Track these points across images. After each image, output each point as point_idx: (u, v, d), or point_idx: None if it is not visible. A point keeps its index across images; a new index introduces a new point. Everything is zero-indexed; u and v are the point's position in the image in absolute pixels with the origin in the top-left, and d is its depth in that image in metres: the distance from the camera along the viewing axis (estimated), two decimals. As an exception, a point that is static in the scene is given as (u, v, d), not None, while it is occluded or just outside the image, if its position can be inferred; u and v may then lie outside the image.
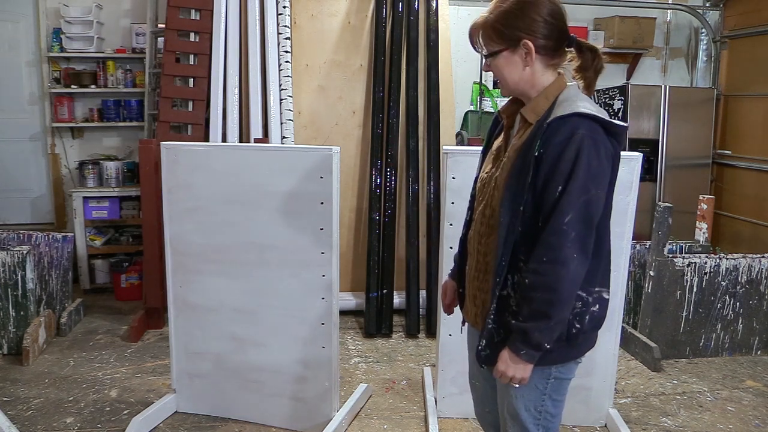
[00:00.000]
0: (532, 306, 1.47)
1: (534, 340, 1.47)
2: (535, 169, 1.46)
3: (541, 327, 1.46)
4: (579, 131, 1.44)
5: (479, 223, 1.65)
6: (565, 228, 1.43)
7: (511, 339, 1.51)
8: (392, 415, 3.01)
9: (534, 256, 1.47)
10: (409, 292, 4.06)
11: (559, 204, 1.43)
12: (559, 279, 1.44)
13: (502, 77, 1.59)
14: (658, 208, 3.58)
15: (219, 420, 2.91)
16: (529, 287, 1.47)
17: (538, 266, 1.45)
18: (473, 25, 1.60)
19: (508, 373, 1.52)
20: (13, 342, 3.55)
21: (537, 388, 1.61)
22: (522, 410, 1.63)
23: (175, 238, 2.82)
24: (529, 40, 1.51)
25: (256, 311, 2.77)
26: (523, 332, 1.47)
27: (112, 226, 4.90)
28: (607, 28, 5.37)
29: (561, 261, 1.43)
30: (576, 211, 1.43)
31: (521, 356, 1.49)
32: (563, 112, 1.47)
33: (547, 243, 1.44)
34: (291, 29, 4.29)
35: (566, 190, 1.43)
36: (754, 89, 5.16)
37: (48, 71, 4.91)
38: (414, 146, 4.21)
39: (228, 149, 3.00)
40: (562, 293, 1.45)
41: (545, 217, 1.46)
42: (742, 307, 3.72)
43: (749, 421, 3.03)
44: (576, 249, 1.44)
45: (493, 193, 1.60)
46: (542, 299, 1.45)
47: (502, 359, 1.53)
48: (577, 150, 1.43)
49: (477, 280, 1.67)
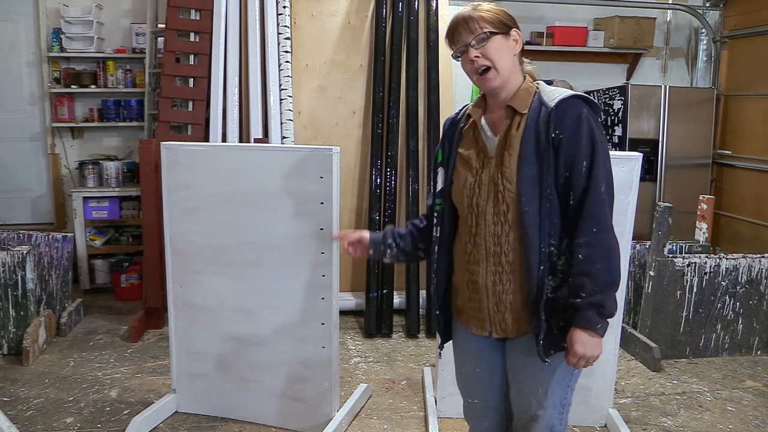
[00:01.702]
0: (596, 278, 1.50)
1: (608, 309, 1.51)
2: (554, 150, 1.53)
3: (612, 295, 1.52)
4: (584, 110, 1.55)
5: (492, 224, 1.61)
6: (603, 197, 1.52)
7: (581, 317, 1.52)
8: (392, 415, 3.01)
9: (581, 231, 1.52)
10: (409, 292, 4.06)
11: (591, 177, 1.52)
12: (611, 246, 1.53)
13: (498, 60, 1.59)
14: (658, 208, 3.58)
15: (219, 420, 2.91)
16: (585, 261, 1.51)
17: (590, 239, 1.51)
18: (460, 15, 1.62)
19: (587, 352, 1.53)
20: (13, 342, 3.55)
21: (564, 381, 1.66)
22: (550, 408, 1.65)
23: (175, 238, 2.82)
24: (516, 30, 1.64)
25: (256, 311, 2.77)
26: (597, 305, 1.50)
27: (112, 226, 4.90)
28: (607, 28, 5.37)
29: (609, 228, 1.53)
30: (605, 181, 1.53)
31: (598, 331, 1.52)
32: (560, 96, 1.56)
33: (592, 215, 1.51)
34: (291, 29, 4.29)
35: (594, 163, 1.53)
36: (754, 89, 5.16)
37: (48, 71, 4.91)
38: (414, 146, 4.21)
39: (228, 149, 3.00)
40: (617, 259, 1.54)
41: (580, 191, 1.52)
42: (742, 307, 3.72)
43: (749, 421, 3.03)
44: (611, 217, 1.55)
45: (504, 189, 1.58)
46: (604, 269, 1.51)
47: (578, 341, 1.52)
48: (589, 127, 1.54)
49: (500, 284, 1.63)
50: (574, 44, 5.32)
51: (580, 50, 5.38)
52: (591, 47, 5.36)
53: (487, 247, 1.63)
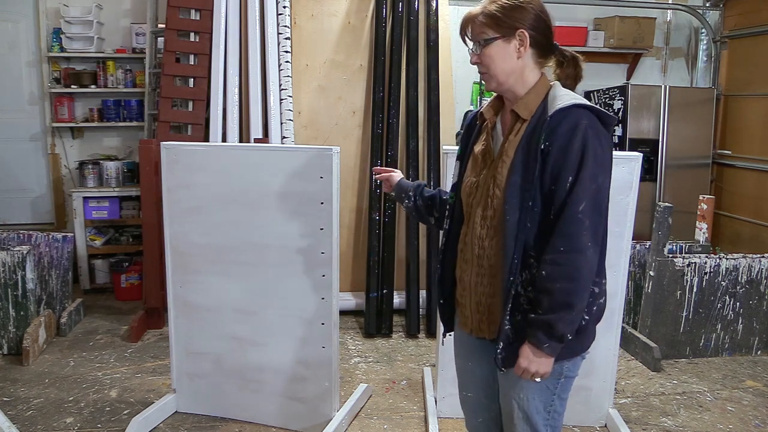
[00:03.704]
0: (553, 297, 1.46)
1: (558, 331, 1.46)
2: (542, 162, 1.48)
3: (565, 318, 1.46)
4: (582, 122, 1.47)
5: (478, 227, 1.62)
6: (580, 217, 1.44)
7: (531, 333, 1.50)
8: (392, 415, 3.01)
9: (550, 247, 1.47)
10: (409, 292, 4.06)
11: (572, 193, 1.45)
12: (578, 268, 1.45)
13: (493, 68, 1.58)
14: (658, 208, 3.58)
15: (219, 420, 2.91)
16: (547, 279, 1.47)
17: (556, 256, 1.45)
18: (468, 14, 1.60)
19: (531, 368, 1.51)
20: (13, 342, 3.55)
21: (548, 388, 1.62)
22: (534, 413, 1.63)
23: (175, 238, 2.82)
24: (524, 30, 1.54)
25: (256, 311, 2.77)
26: (547, 325, 1.46)
27: (112, 226, 4.90)
28: (607, 28, 5.37)
29: (578, 249, 1.44)
30: (589, 199, 1.45)
31: (544, 350, 1.49)
32: (560, 105, 1.49)
33: (563, 233, 1.45)
34: (291, 29, 4.29)
35: (578, 179, 1.45)
36: (753, 89, 5.15)
37: (48, 71, 4.91)
38: (414, 146, 4.21)
39: (228, 149, 3.00)
40: (582, 282, 1.46)
41: (558, 207, 1.47)
42: (742, 307, 3.72)
43: (749, 421, 3.03)
44: (590, 237, 1.45)
45: (492, 195, 1.58)
46: (563, 289, 1.45)
47: (523, 355, 1.51)
48: (583, 140, 1.46)
49: (481, 286, 1.64)
50: (574, 44, 5.31)
51: (580, 50, 5.26)
52: (591, 47, 5.36)
53: (473, 248, 1.64)
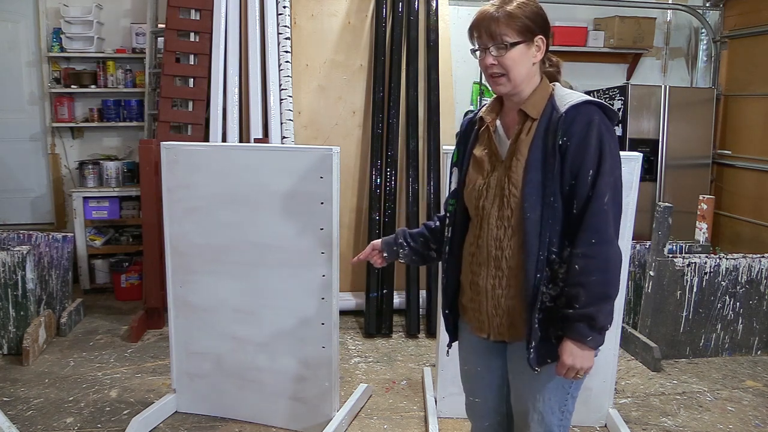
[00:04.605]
0: (590, 290, 1.48)
1: (599, 323, 1.49)
2: (560, 157, 1.51)
3: (604, 309, 1.49)
4: (595, 117, 1.52)
5: (495, 228, 1.61)
6: (606, 208, 1.49)
7: (571, 329, 1.51)
8: (392, 415, 3.01)
9: (579, 241, 1.50)
10: (409, 292, 4.06)
11: (595, 187, 1.49)
12: (609, 258, 1.50)
13: (514, 71, 1.56)
14: (658, 208, 3.58)
15: (219, 420, 2.91)
16: (581, 272, 1.49)
17: (587, 249, 1.49)
18: (486, 13, 1.56)
19: (576, 364, 1.52)
20: (13, 342, 3.55)
21: (563, 388, 1.63)
22: (549, 413, 1.63)
23: (175, 238, 2.82)
24: (542, 36, 1.59)
25: (256, 311, 2.77)
26: (588, 317, 1.48)
27: (112, 226, 4.90)
28: (607, 28, 5.37)
29: (608, 240, 1.50)
30: (610, 191, 1.50)
31: (588, 343, 1.50)
32: (571, 102, 1.53)
33: (591, 226, 1.49)
34: (291, 29, 4.29)
35: (600, 172, 1.50)
36: (753, 89, 5.15)
37: (48, 71, 4.91)
38: (414, 146, 4.21)
39: (228, 149, 3.00)
40: (615, 272, 1.51)
41: (583, 201, 1.50)
42: (742, 307, 3.72)
43: (749, 421, 3.03)
44: (615, 228, 1.52)
45: (509, 194, 1.57)
46: (599, 281, 1.48)
47: (567, 352, 1.52)
48: (599, 135, 1.51)
49: (499, 288, 1.63)
50: (574, 44, 5.32)
51: (580, 50, 5.38)
52: (591, 47, 5.36)
53: (489, 250, 1.63)
